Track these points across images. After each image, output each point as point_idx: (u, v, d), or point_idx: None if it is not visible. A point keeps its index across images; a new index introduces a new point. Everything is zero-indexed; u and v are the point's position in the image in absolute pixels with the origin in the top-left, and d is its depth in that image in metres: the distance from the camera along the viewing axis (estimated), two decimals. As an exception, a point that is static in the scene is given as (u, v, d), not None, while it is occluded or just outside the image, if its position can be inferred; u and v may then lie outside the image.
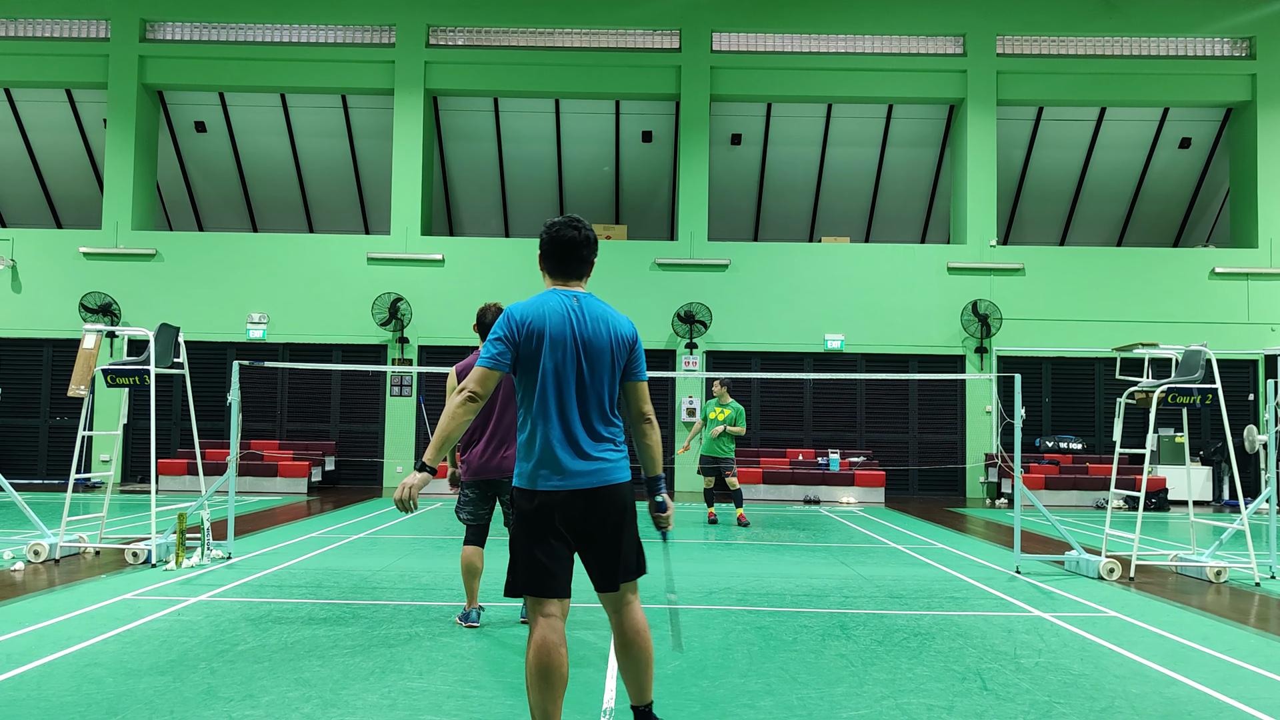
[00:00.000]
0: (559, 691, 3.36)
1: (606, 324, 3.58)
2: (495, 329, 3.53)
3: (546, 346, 3.48)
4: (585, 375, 3.52)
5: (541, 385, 3.48)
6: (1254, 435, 10.00)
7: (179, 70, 19.65)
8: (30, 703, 4.32)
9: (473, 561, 6.05)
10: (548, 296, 3.59)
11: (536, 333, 3.49)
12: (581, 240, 3.63)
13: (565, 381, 3.49)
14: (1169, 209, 21.85)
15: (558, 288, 3.64)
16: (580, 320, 3.54)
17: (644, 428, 3.68)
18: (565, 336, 3.50)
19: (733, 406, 12.41)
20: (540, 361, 3.48)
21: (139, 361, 8.86)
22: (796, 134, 20.72)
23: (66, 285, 19.01)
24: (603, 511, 3.49)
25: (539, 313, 3.52)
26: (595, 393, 3.53)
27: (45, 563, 8.37)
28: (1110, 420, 18.28)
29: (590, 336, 3.53)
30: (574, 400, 3.50)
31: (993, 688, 4.85)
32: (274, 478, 17.27)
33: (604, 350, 3.55)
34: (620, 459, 3.57)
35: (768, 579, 8.20)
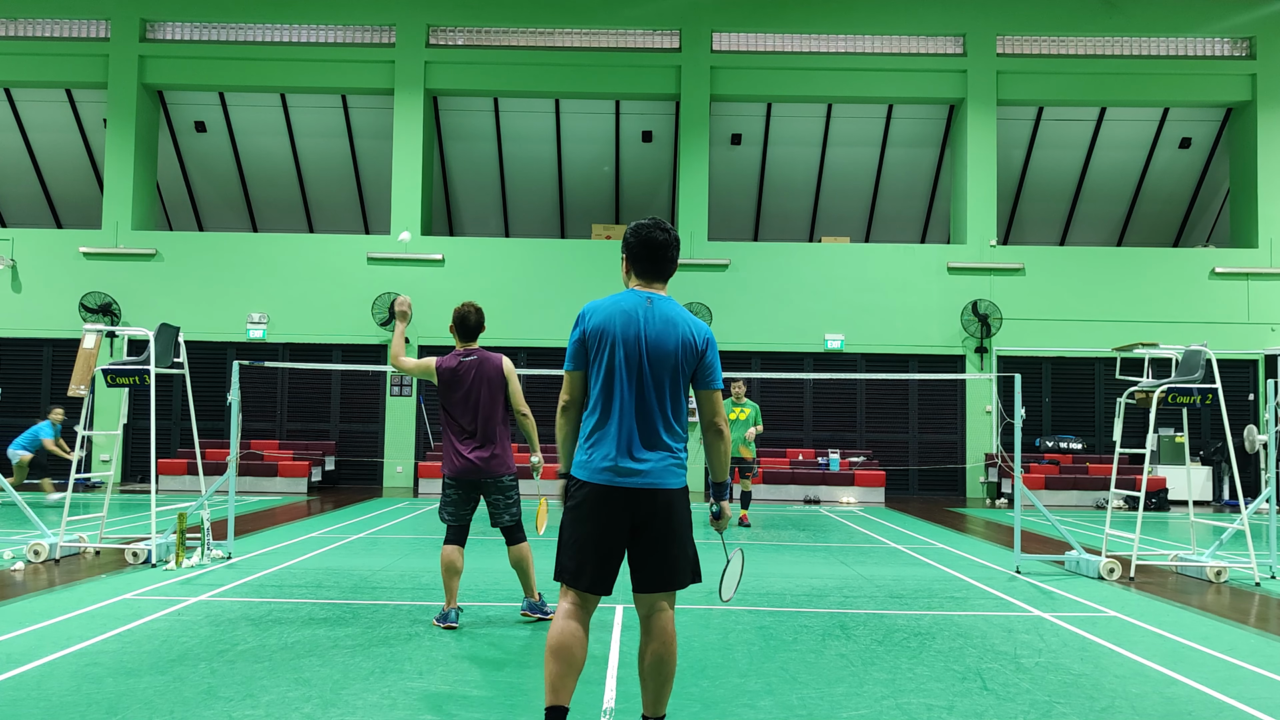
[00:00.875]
0: (570, 673, 3.44)
1: (676, 327, 3.59)
2: (573, 331, 3.64)
3: (610, 346, 3.55)
4: (647, 375, 3.54)
5: (604, 381, 3.55)
6: (1254, 435, 10.00)
7: (179, 70, 19.65)
8: (30, 703, 4.32)
9: (453, 561, 6.00)
10: (623, 295, 3.67)
11: (603, 331, 3.57)
12: (670, 242, 3.70)
13: (627, 380, 3.54)
14: (1169, 209, 21.84)
15: (637, 288, 3.70)
16: (649, 321, 3.57)
17: (712, 437, 3.66)
18: (631, 335, 3.55)
19: (750, 406, 12.37)
20: (604, 358, 3.55)
21: (139, 361, 8.86)
22: (796, 134, 20.72)
23: (66, 285, 19.01)
24: (646, 514, 3.49)
25: (610, 311, 3.60)
26: (656, 394, 3.55)
27: (45, 563, 8.37)
28: (1110, 420, 18.28)
29: (656, 338, 3.56)
30: (633, 399, 3.53)
31: (993, 688, 4.84)
32: (274, 478, 17.27)
33: (670, 353, 3.56)
34: (671, 465, 3.55)
35: (768, 579, 8.19)
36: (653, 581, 3.53)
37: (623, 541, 3.53)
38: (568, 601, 3.51)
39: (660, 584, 3.53)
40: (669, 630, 3.55)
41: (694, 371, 3.63)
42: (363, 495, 16.78)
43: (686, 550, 3.59)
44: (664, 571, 3.53)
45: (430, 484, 17.41)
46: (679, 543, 3.55)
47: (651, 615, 3.55)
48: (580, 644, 3.45)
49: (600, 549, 3.50)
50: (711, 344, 3.66)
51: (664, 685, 3.57)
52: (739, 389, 12.49)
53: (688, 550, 3.59)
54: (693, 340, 3.60)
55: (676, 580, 3.55)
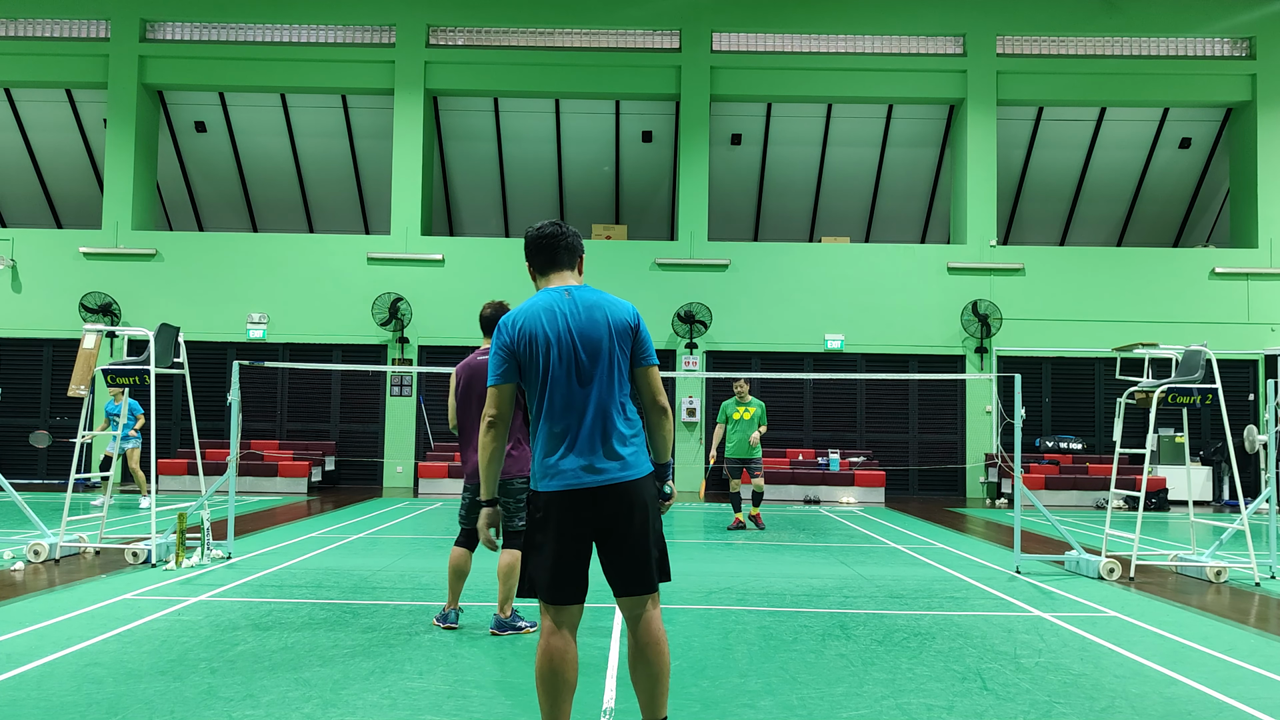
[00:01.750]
0: (564, 697, 3.34)
1: (602, 310, 3.46)
2: (493, 344, 3.48)
3: (541, 345, 3.40)
4: (585, 367, 3.40)
5: (544, 384, 3.40)
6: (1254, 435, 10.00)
7: (179, 70, 19.65)
8: (30, 703, 4.32)
9: (459, 563, 6.00)
10: (538, 297, 3.53)
11: (529, 335, 3.42)
12: (561, 233, 3.60)
13: (567, 376, 3.39)
14: (1169, 209, 21.84)
15: (549, 286, 3.58)
16: (574, 312, 3.44)
17: (657, 416, 3.55)
18: (559, 331, 3.41)
19: (756, 404, 12.21)
20: (538, 361, 3.40)
21: (139, 361, 8.86)
22: (796, 134, 20.72)
23: (66, 285, 19.01)
24: (614, 510, 3.35)
25: (530, 315, 3.45)
26: (600, 384, 3.40)
27: (45, 563, 8.37)
28: (1110, 420, 18.28)
29: (585, 327, 3.42)
30: (578, 395, 3.38)
31: (993, 688, 4.85)
32: (274, 478, 17.27)
33: (601, 338, 3.42)
34: (633, 453, 3.41)
35: (768, 579, 8.20)
36: (630, 585, 3.40)
37: (590, 543, 3.40)
38: (549, 619, 3.37)
39: (638, 586, 3.40)
40: (659, 628, 3.43)
41: (630, 351, 3.49)
42: (363, 495, 16.78)
43: (658, 547, 3.46)
44: (640, 572, 3.39)
45: (430, 484, 17.40)
46: (653, 539, 3.43)
47: (637, 618, 3.43)
48: (571, 663, 3.35)
49: (575, 558, 3.36)
50: (641, 321, 3.54)
51: (658, 685, 3.44)
52: (742, 388, 12.39)
53: (659, 546, 3.47)
54: (624, 320, 3.48)
55: (651, 581, 3.41)
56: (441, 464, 17.53)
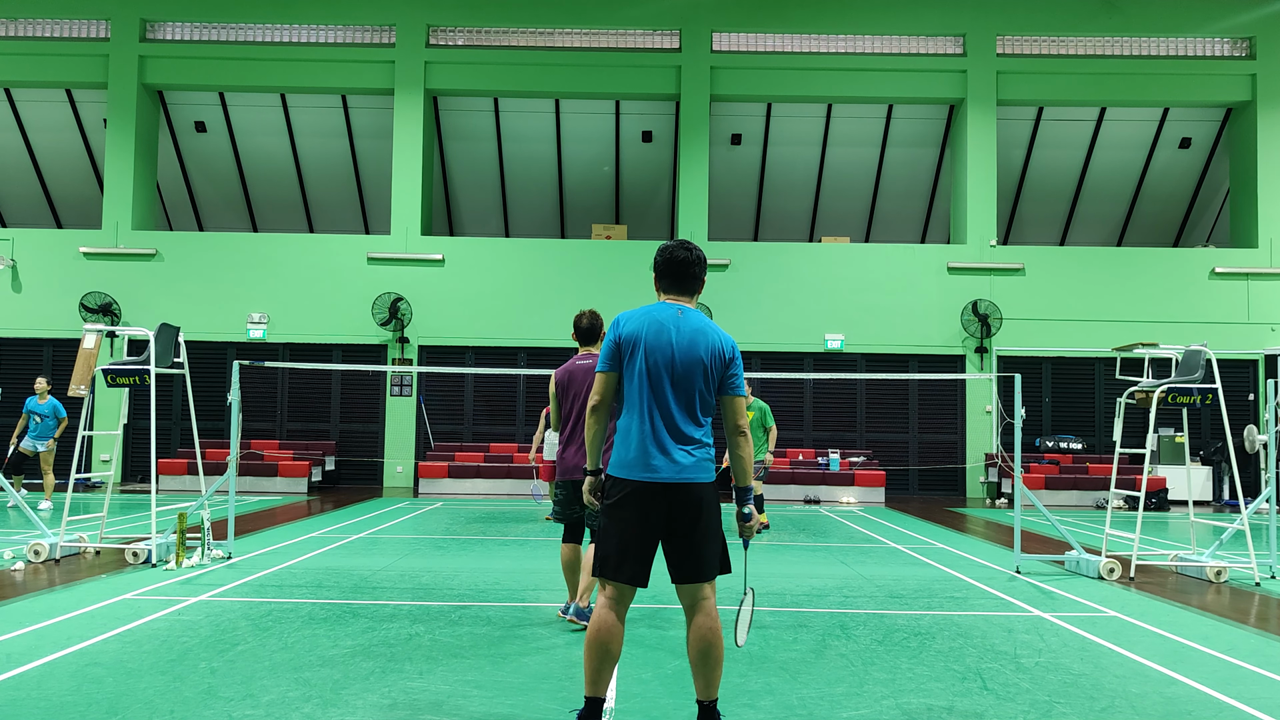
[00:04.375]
0: (608, 665, 3.74)
1: (704, 335, 3.87)
2: (607, 337, 3.95)
3: (642, 351, 3.84)
4: (677, 379, 3.82)
5: (637, 385, 3.84)
6: (1254, 435, 10.00)
7: (179, 70, 19.65)
8: (30, 703, 4.32)
9: (570, 557, 6.18)
10: (654, 307, 3.98)
11: (635, 338, 3.87)
12: (694, 260, 4.03)
13: (657, 383, 3.82)
14: (1169, 209, 21.84)
15: (667, 300, 4.02)
16: (679, 330, 3.87)
17: (736, 439, 3.90)
18: (661, 343, 3.84)
19: (757, 406, 11.86)
20: (637, 364, 3.85)
21: (139, 361, 8.86)
22: (796, 134, 20.72)
23: (66, 285, 19.01)
24: (680, 506, 3.74)
25: (642, 321, 3.91)
26: (685, 396, 3.82)
27: (45, 563, 8.37)
28: (1110, 420, 18.28)
29: (685, 345, 3.84)
30: (663, 401, 3.81)
31: (993, 687, 4.85)
32: (274, 477, 17.27)
33: (698, 359, 3.83)
34: (700, 460, 3.80)
35: (768, 579, 8.20)
36: (688, 573, 3.77)
37: (659, 535, 3.78)
38: (606, 595, 3.77)
39: (694, 575, 3.76)
40: (713, 616, 3.77)
41: (720, 379, 3.90)
42: (363, 495, 16.79)
43: (717, 543, 3.82)
44: (697, 563, 3.76)
45: (430, 484, 17.41)
46: (710, 536, 3.79)
47: (695, 604, 3.78)
48: (618, 637, 3.73)
49: (640, 543, 3.75)
50: (738, 354, 3.96)
51: (714, 670, 3.76)
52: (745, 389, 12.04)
53: (718, 543, 3.83)
54: (721, 349, 3.89)
55: (708, 572, 3.77)
56: (441, 464, 17.54)
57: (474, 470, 17.47)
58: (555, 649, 5.50)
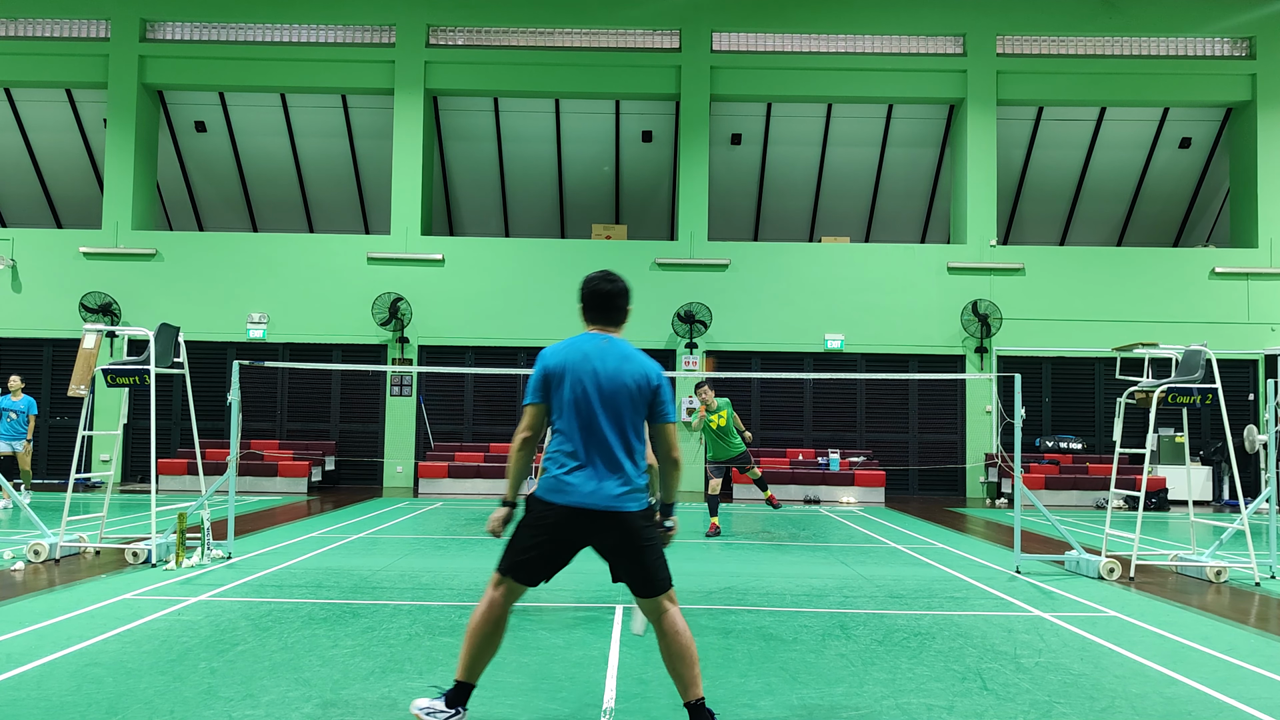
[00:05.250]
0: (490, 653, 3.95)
1: (630, 363, 3.96)
2: (535, 369, 4.00)
3: (569, 381, 3.91)
4: (605, 408, 3.90)
5: (565, 414, 3.91)
6: (1254, 435, 10.00)
7: (179, 70, 19.65)
8: (30, 703, 4.32)
9: None
10: (580, 338, 4.04)
11: (562, 369, 3.93)
12: (617, 291, 4.10)
13: (586, 412, 3.89)
14: (1169, 209, 21.84)
15: (592, 331, 4.08)
16: (604, 360, 3.94)
17: (669, 468, 4.07)
18: (588, 372, 3.91)
19: (724, 404, 11.65)
20: (565, 394, 3.91)
21: (139, 361, 8.86)
22: (796, 134, 20.72)
23: (66, 285, 19.01)
24: (610, 534, 3.88)
25: (568, 352, 3.97)
26: (614, 424, 3.91)
27: (45, 563, 8.37)
28: (1110, 420, 18.28)
29: (612, 374, 3.92)
30: (592, 430, 3.89)
31: (993, 688, 4.85)
32: (274, 478, 17.27)
33: (623, 387, 3.91)
34: (632, 490, 3.90)
35: (768, 579, 8.20)
36: (644, 588, 3.92)
37: (572, 553, 3.95)
38: (502, 590, 3.92)
39: (651, 590, 3.91)
40: (679, 623, 3.91)
41: (650, 406, 3.98)
42: (363, 495, 16.78)
43: (662, 557, 3.98)
44: (648, 579, 3.91)
45: (430, 484, 17.41)
46: (654, 553, 3.95)
47: (660, 615, 3.92)
48: (504, 630, 3.96)
49: (553, 559, 3.92)
50: (665, 381, 4.03)
51: (690, 669, 3.88)
52: (707, 395, 11.39)
53: (663, 556, 3.99)
54: (647, 376, 3.96)
55: (660, 585, 3.92)
56: (441, 464, 17.54)
57: (474, 470, 17.47)
58: (555, 649, 5.50)
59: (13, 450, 13.76)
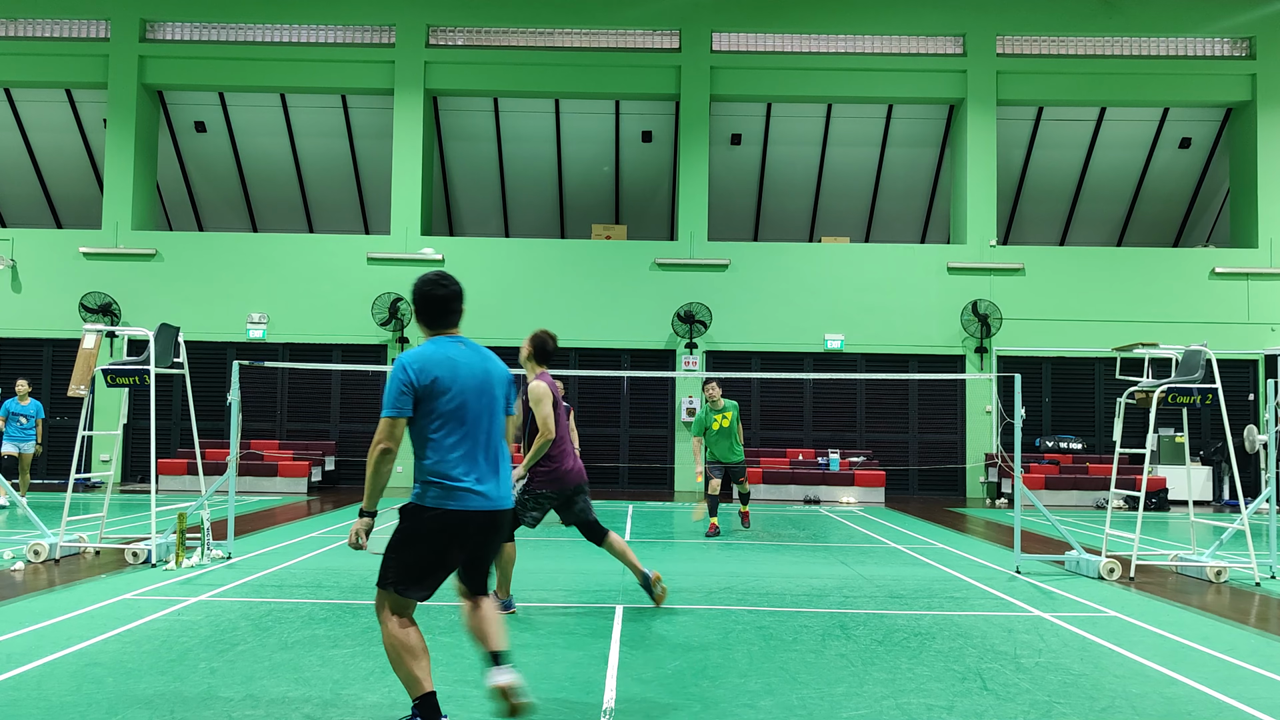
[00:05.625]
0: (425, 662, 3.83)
1: (493, 363, 4.03)
2: (394, 381, 3.83)
3: (445, 389, 3.83)
4: (482, 410, 3.91)
5: (444, 422, 3.83)
6: (1254, 435, 10.00)
7: (179, 70, 19.65)
8: (30, 703, 4.32)
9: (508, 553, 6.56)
10: (437, 344, 3.94)
11: (433, 377, 3.83)
12: (452, 295, 4.02)
13: (466, 417, 3.86)
14: (1169, 209, 21.84)
15: (440, 336, 4.00)
16: (470, 363, 3.93)
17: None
18: (460, 377, 3.87)
19: (731, 406, 11.66)
20: (440, 403, 3.82)
21: (139, 361, 8.86)
22: (796, 134, 20.72)
23: (66, 285, 19.01)
24: (491, 532, 3.93)
25: (431, 360, 3.86)
26: (489, 425, 3.94)
27: (45, 563, 8.37)
28: (1110, 420, 18.27)
29: (481, 375, 3.94)
30: (469, 433, 3.87)
31: (993, 688, 4.85)
32: (274, 478, 17.27)
33: (492, 386, 3.97)
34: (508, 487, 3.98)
35: (768, 579, 8.20)
36: (479, 586, 4.07)
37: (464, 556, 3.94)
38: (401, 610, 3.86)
39: (484, 589, 4.08)
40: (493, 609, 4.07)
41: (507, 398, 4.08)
42: (362, 496, 16.75)
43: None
44: (485, 579, 4.09)
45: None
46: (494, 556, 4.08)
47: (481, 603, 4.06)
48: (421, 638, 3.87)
49: (448, 568, 3.91)
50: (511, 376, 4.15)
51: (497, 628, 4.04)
52: (714, 392, 11.40)
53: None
54: (505, 374, 4.06)
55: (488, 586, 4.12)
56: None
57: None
58: (555, 649, 5.50)
59: (19, 452, 13.81)
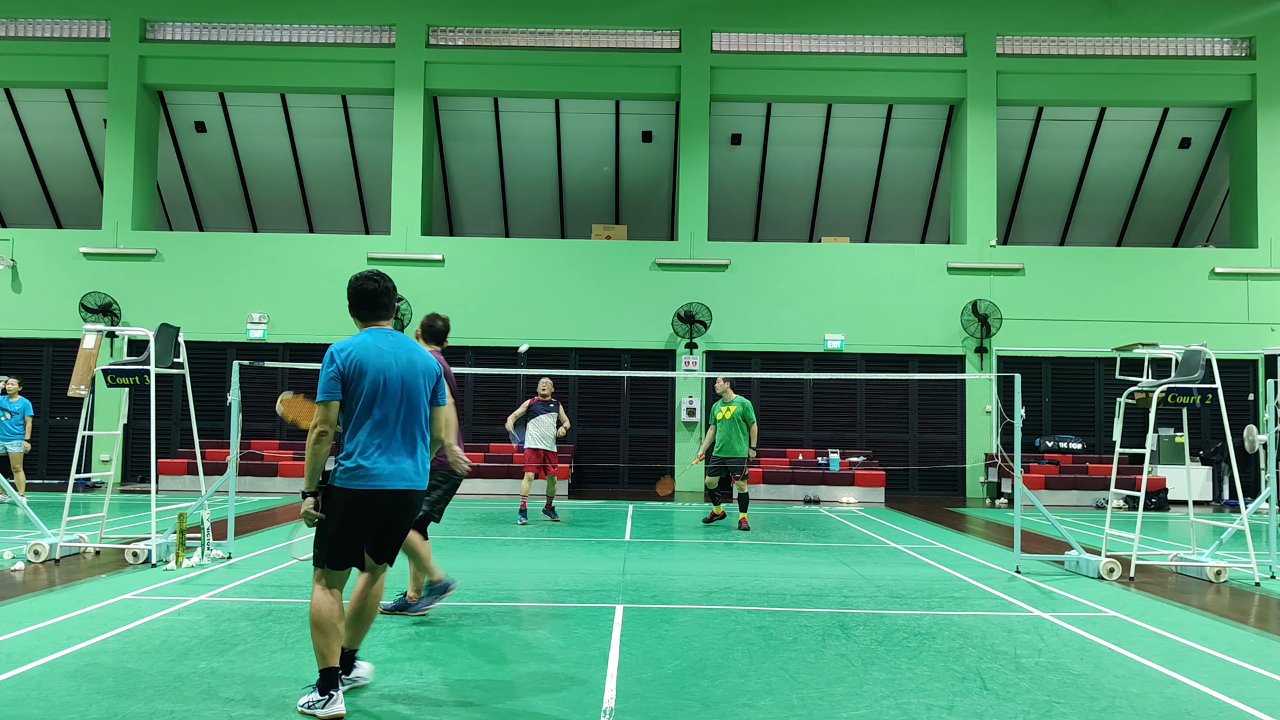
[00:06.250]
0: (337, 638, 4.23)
1: (418, 354, 4.44)
2: (325, 368, 4.27)
3: (368, 375, 4.26)
4: (403, 397, 4.33)
5: (364, 406, 4.27)
6: (1254, 435, 10.00)
7: (179, 70, 19.65)
8: (30, 703, 4.32)
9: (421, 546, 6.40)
10: (366, 335, 4.39)
11: (359, 364, 4.27)
12: (382, 290, 4.49)
13: (385, 403, 4.28)
14: (1169, 209, 21.85)
15: (372, 328, 4.46)
16: (396, 353, 4.36)
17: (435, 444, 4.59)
18: (384, 365, 4.30)
19: (738, 402, 12.06)
20: (363, 387, 4.26)
21: (139, 361, 8.86)
22: (796, 134, 20.72)
23: (66, 285, 19.01)
24: (402, 509, 4.35)
25: (359, 349, 4.31)
26: (410, 411, 4.35)
27: (45, 563, 8.37)
28: (1110, 420, 18.27)
29: (405, 364, 4.36)
30: (389, 418, 4.29)
31: (993, 687, 4.85)
32: (274, 478, 17.28)
33: (415, 375, 4.38)
34: (423, 469, 4.39)
35: (768, 579, 8.20)
36: (384, 558, 4.50)
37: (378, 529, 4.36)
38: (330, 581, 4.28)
39: (388, 559, 4.51)
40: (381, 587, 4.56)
41: (433, 391, 4.50)
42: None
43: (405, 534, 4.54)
44: (392, 550, 4.49)
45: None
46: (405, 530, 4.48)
47: (374, 578, 4.53)
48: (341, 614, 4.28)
49: (365, 540, 4.35)
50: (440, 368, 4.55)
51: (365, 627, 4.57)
52: (723, 386, 12.20)
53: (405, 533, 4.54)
54: (430, 365, 4.46)
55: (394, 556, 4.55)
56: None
57: (474, 470, 17.44)
58: (555, 649, 5.51)
59: (5, 451, 13.84)
